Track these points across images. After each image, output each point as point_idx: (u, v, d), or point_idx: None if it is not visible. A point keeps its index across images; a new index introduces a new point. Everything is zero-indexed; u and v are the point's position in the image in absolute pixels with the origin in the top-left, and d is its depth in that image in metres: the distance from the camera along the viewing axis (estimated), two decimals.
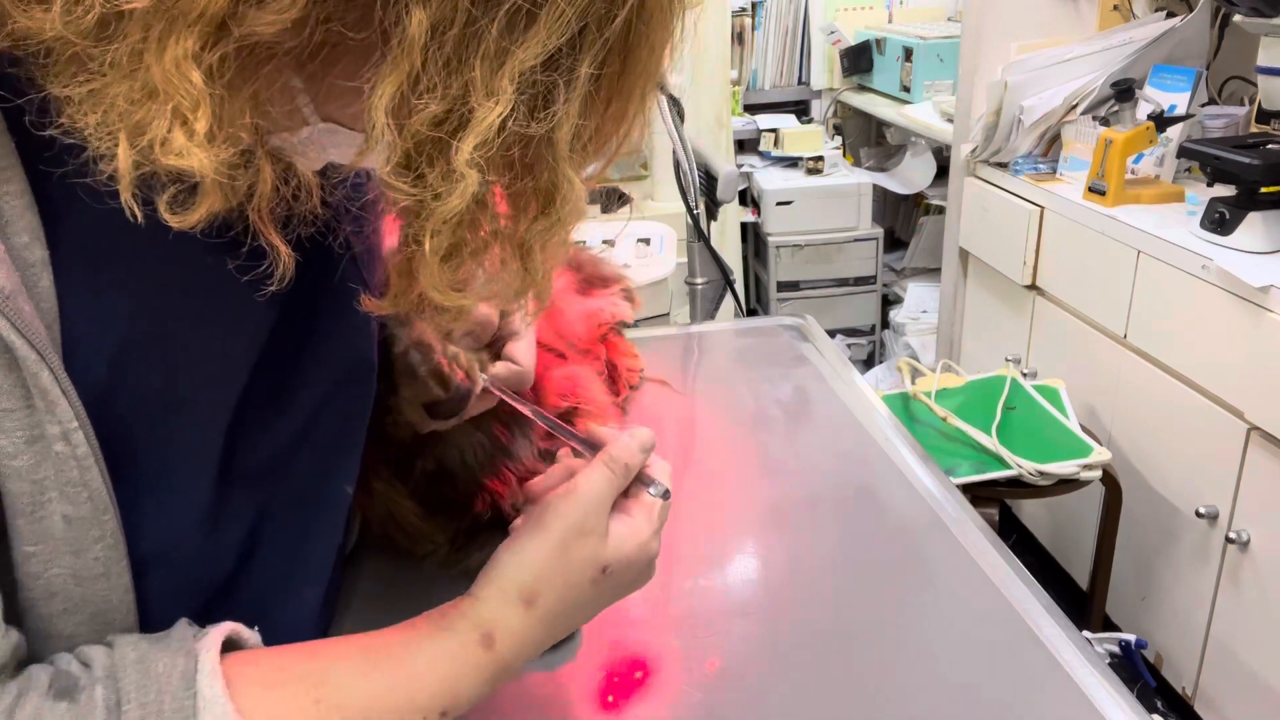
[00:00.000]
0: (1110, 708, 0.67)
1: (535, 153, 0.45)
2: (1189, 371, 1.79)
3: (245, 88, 0.42)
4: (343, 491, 0.68)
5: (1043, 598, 0.78)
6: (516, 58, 0.41)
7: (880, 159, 3.59)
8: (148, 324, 0.50)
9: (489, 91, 0.41)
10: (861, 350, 3.46)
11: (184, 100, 0.39)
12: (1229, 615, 1.77)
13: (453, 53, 0.41)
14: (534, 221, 0.48)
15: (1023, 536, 2.42)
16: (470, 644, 0.55)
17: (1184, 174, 2.11)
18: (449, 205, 0.43)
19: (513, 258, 0.49)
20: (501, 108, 0.41)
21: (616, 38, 0.43)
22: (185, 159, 0.40)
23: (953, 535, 0.86)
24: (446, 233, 0.45)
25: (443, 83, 0.41)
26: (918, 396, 1.93)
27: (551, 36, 0.41)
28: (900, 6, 3.58)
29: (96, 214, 0.44)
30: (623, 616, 0.78)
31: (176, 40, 0.39)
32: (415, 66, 0.40)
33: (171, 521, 0.54)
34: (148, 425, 0.51)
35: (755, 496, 0.96)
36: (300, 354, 0.61)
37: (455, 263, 0.47)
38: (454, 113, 0.42)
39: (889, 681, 0.71)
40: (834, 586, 0.82)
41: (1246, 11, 1.74)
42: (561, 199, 0.47)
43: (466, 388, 0.72)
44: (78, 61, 0.40)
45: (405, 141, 0.42)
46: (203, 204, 0.42)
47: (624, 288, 1.14)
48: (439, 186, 0.43)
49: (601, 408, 0.93)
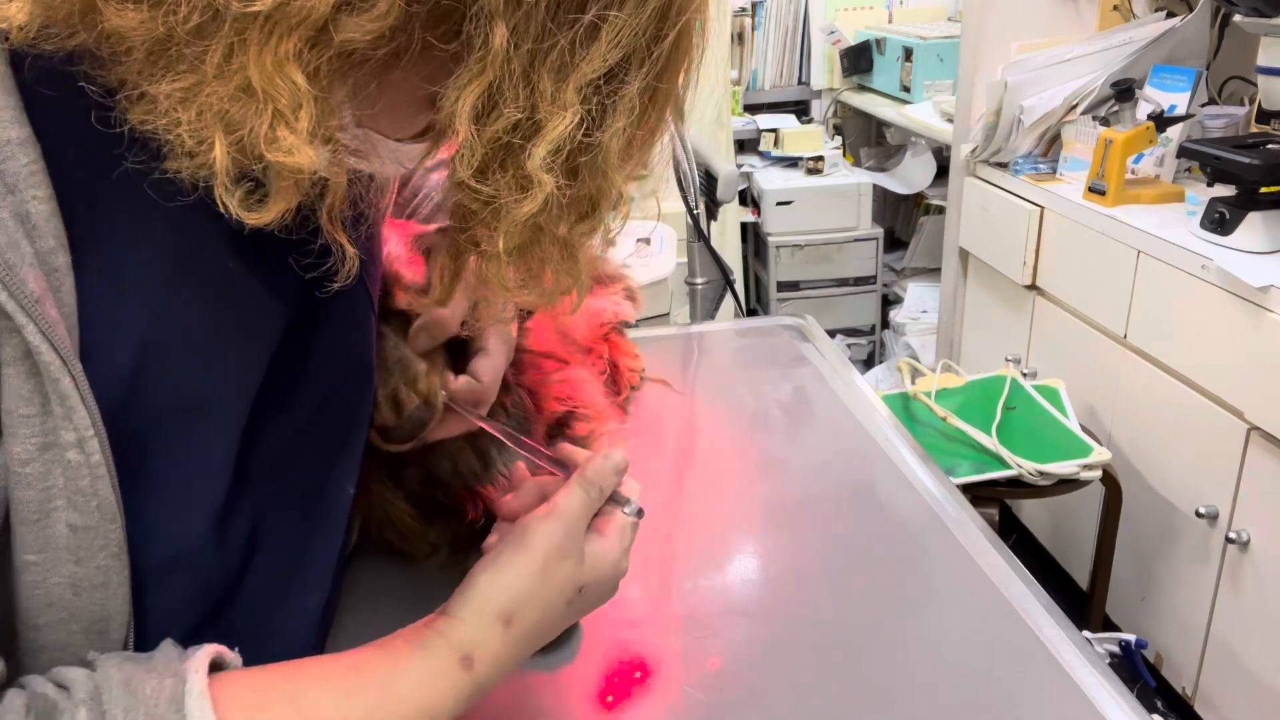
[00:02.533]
0: (1110, 708, 0.67)
1: (592, 160, 0.47)
2: (1189, 371, 1.79)
3: (338, 91, 0.44)
4: (344, 491, 0.68)
5: (1043, 598, 0.78)
6: (581, 70, 0.44)
7: (880, 159, 3.59)
8: (169, 330, 0.50)
9: (558, 101, 0.44)
10: (861, 350, 3.46)
11: (285, 100, 0.41)
12: (1229, 615, 1.77)
13: (527, 64, 0.43)
14: (577, 224, 0.51)
15: (1023, 536, 2.42)
16: (450, 666, 0.55)
17: (1184, 174, 2.11)
18: (524, 208, 0.46)
19: (560, 258, 0.51)
20: (571, 117, 0.44)
21: (666, 53, 0.46)
22: (293, 156, 0.42)
23: (953, 535, 0.86)
24: (517, 234, 0.47)
25: (518, 92, 0.44)
26: (918, 396, 1.93)
27: (612, 51, 0.44)
28: (900, 6, 3.58)
29: (118, 222, 0.45)
30: (623, 616, 0.78)
31: (279, 41, 0.40)
32: (497, 76, 0.43)
33: (186, 525, 0.54)
34: (167, 430, 0.51)
35: (755, 496, 0.96)
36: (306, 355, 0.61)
37: (522, 262, 0.50)
38: (526, 121, 0.44)
39: (889, 681, 0.71)
40: (834, 586, 0.82)
41: (1246, 11, 1.74)
42: (605, 203, 0.50)
43: (421, 414, 0.71)
44: (169, 60, 0.41)
45: (484, 146, 0.45)
46: (278, 202, 0.44)
47: (626, 287, 1.14)
48: (513, 190, 0.46)
49: (599, 411, 0.93)
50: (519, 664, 0.60)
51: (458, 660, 0.55)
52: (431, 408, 0.71)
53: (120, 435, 0.48)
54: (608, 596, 0.65)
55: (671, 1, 0.45)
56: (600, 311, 1.08)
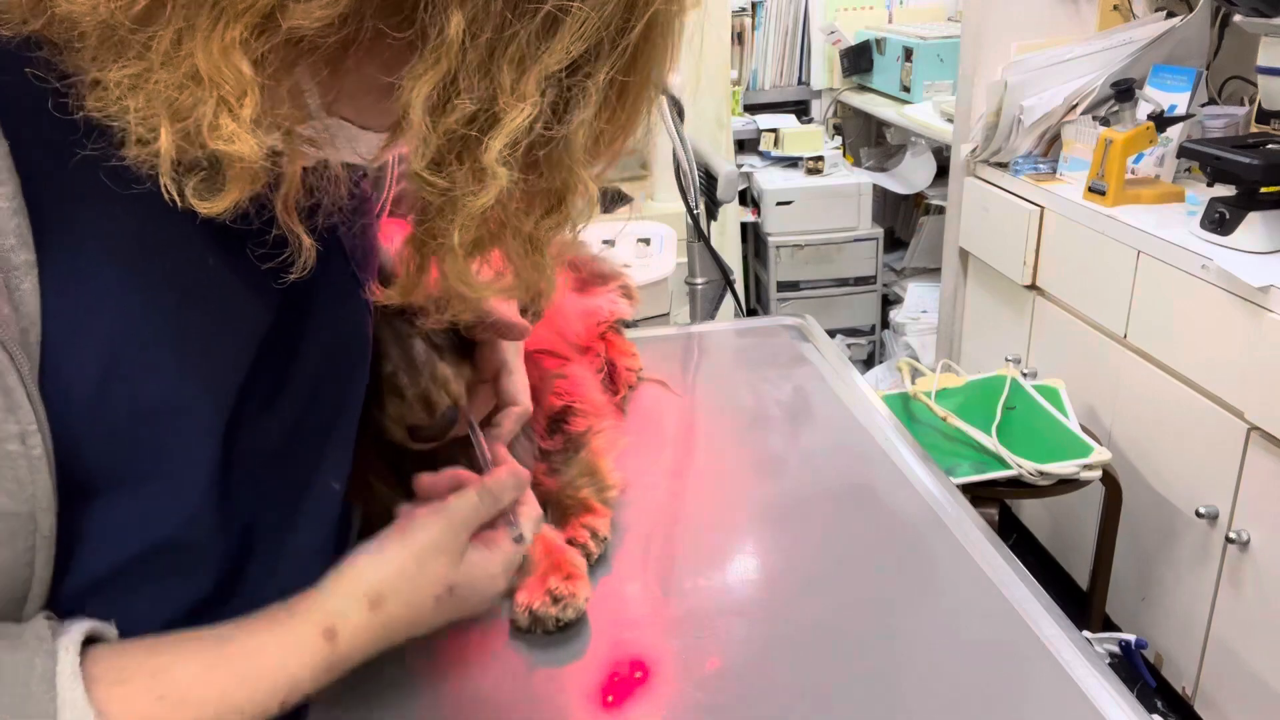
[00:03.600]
0: (1110, 708, 0.67)
1: (553, 154, 0.46)
2: (1189, 371, 1.79)
3: (286, 79, 0.43)
4: (331, 489, 0.68)
5: (1043, 598, 0.78)
6: (542, 62, 0.43)
7: (880, 159, 3.59)
8: (144, 326, 0.50)
9: (517, 93, 0.43)
10: (861, 350, 3.46)
11: (231, 88, 0.40)
12: (1229, 615, 1.77)
13: (485, 55, 0.42)
14: (544, 218, 0.50)
15: (1023, 536, 2.42)
16: (313, 636, 0.57)
17: (1184, 174, 2.11)
18: (479, 201, 0.45)
19: (525, 253, 0.50)
20: (530, 109, 0.43)
21: (633, 46, 0.45)
22: (234, 145, 0.41)
23: (953, 535, 0.86)
24: (473, 227, 0.46)
25: (476, 83, 0.43)
26: (918, 396, 1.93)
27: (575, 43, 0.43)
28: (900, 6, 3.58)
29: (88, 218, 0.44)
30: (623, 616, 0.78)
31: (225, 28, 0.40)
32: (453, 67, 0.42)
33: (169, 516, 0.54)
34: (147, 422, 0.51)
35: (755, 496, 0.96)
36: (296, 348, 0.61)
37: (479, 255, 0.49)
38: (484, 112, 0.43)
39: (889, 681, 0.71)
40: (834, 586, 0.82)
41: (1246, 11, 1.74)
42: (572, 198, 0.49)
43: (451, 414, 0.72)
44: (118, 46, 0.41)
45: (439, 138, 0.44)
46: (231, 191, 0.43)
47: (622, 285, 1.14)
48: (469, 183, 0.45)
49: (597, 408, 0.93)
50: (382, 649, 0.61)
51: (320, 632, 0.57)
52: (460, 409, 0.73)
53: (101, 424, 0.48)
54: (480, 606, 0.67)
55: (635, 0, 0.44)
56: (597, 310, 1.08)
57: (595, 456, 0.89)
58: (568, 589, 0.76)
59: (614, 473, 0.90)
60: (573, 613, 0.75)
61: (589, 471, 0.88)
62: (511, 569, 0.68)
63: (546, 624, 0.75)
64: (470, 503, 0.66)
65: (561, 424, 0.89)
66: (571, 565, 0.78)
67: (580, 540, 0.82)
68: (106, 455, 0.50)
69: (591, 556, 0.82)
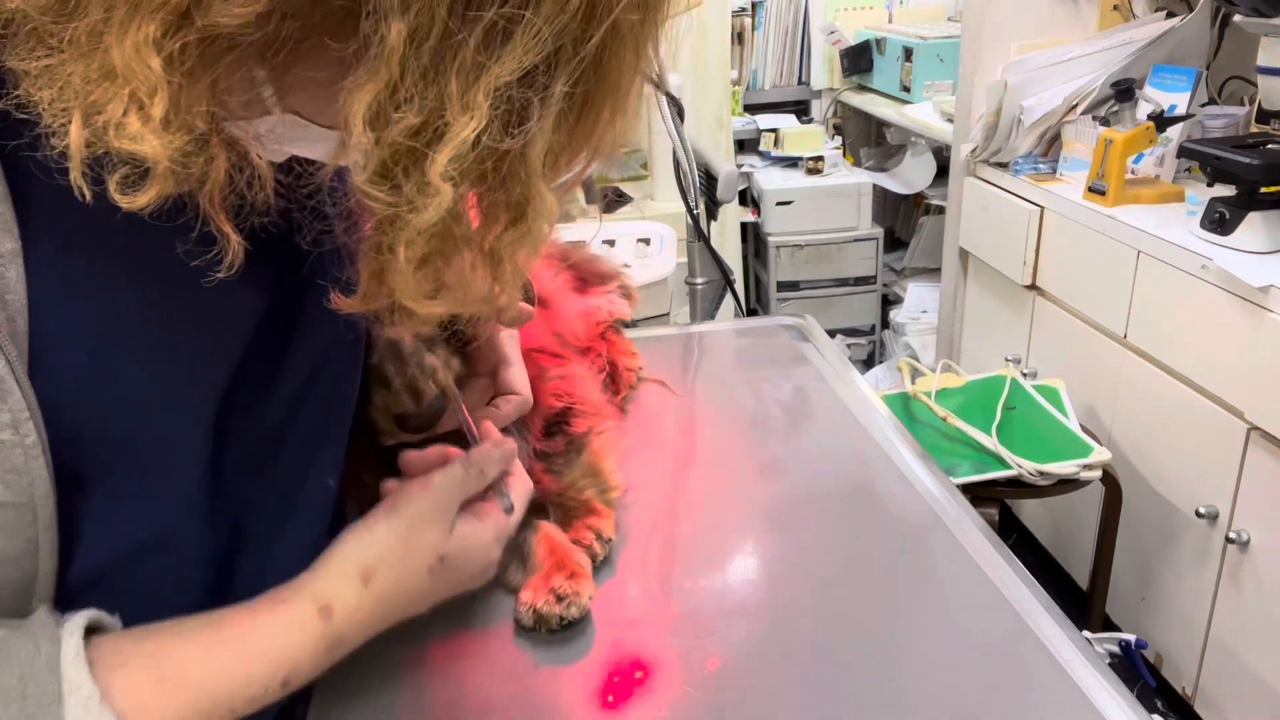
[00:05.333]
0: (1110, 708, 0.67)
1: (509, 167, 0.45)
2: (1189, 371, 1.79)
3: (205, 76, 0.42)
4: (325, 485, 0.68)
5: (1043, 598, 0.78)
6: (492, 73, 0.41)
7: (880, 159, 3.59)
8: (131, 316, 0.50)
9: (464, 105, 0.41)
10: (861, 350, 3.46)
11: (141, 85, 0.40)
12: (1229, 615, 1.77)
13: (430, 65, 0.41)
14: (505, 232, 0.48)
15: (1023, 536, 2.42)
16: (308, 615, 0.57)
17: (1184, 174, 2.11)
18: (424, 216, 0.43)
19: (483, 266, 0.49)
20: (476, 122, 0.41)
21: (590, 57, 0.43)
22: (138, 144, 0.41)
23: (953, 535, 0.86)
24: (421, 243, 0.45)
25: (419, 95, 0.41)
26: (918, 396, 1.93)
27: (528, 54, 0.41)
28: (900, 6, 3.58)
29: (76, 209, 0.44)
30: (623, 616, 0.78)
31: (139, 25, 0.39)
32: (393, 77, 0.40)
33: (162, 508, 0.54)
34: (133, 413, 0.52)
35: (755, 496, 0.96)
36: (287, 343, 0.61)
37: (428, 271, 0.47)
38: (430, 125, 0.42)
39: (889, 681, 0.71)
40: (834, 586, 0.82)
41: (1246, 11, 1.74)
42: (533, 212, 0.47)
43: (438, 403, 0.72)
44: (36, 36, 0.40)
45: (382, 151, 0.42)
46: (153, 187, 0.43)
47: (621, 284, 1.14)
48: (414, 197, 0.43)
49: (596, 408, 0.93)
50: (383, 625, 0.62)
51: (316, 610, 0.57)
52: (448, 398, 0.73)
53: (88, 415, 0.49)
54: (475, 578, 0.68)
55: (596, 2, 0.42)
56: (596, 310, 1.08)
57: (597, 457, 0.89)
58: (571, 588, 0.76)
59: (616, 473, 0.90)
60: (576, 611, 0.75)
61: (591, 473, 0.88)
62: (503, 538, 0.69)
63: (550, 623, 0.75)
64: (455, 474, 0.66)
65: (562, 425, 0.89)
66: (576, 564, 0.78)
67: (585, 542, 0.82)
68: (97, 447, 0.51)
69: (596, 558, 0.82)
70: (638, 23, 0.44)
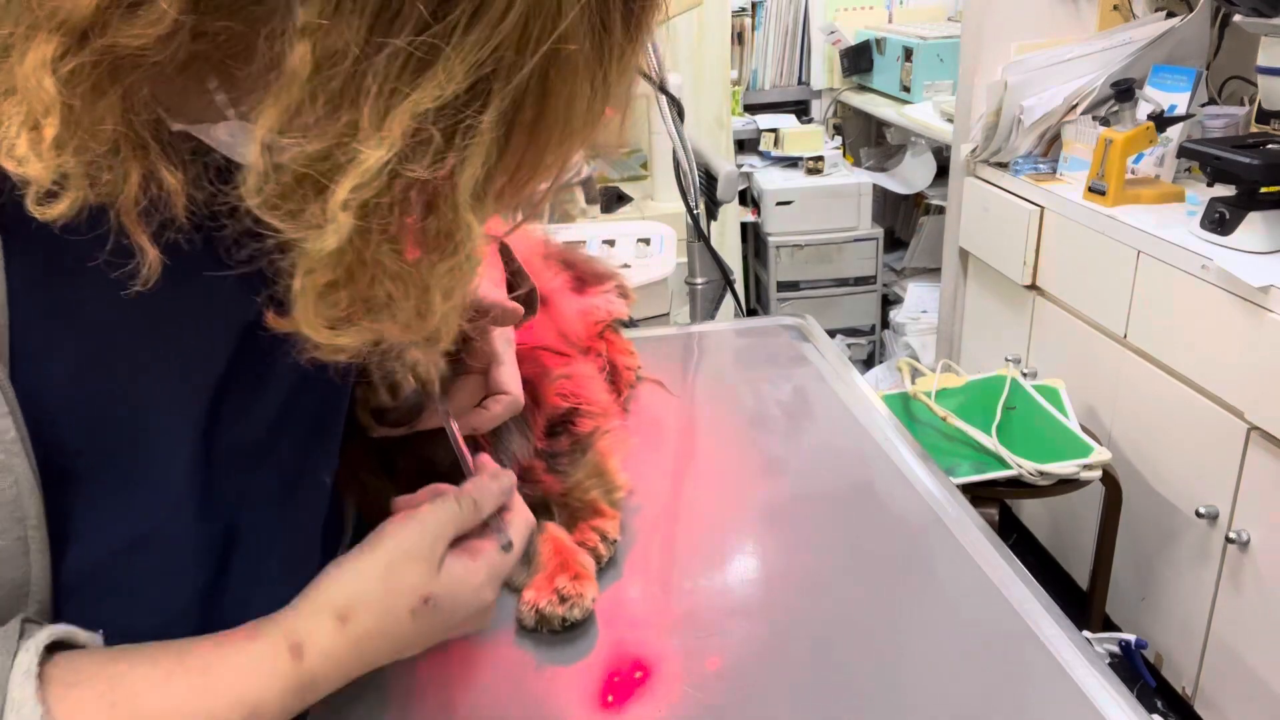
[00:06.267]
0: (1110, 708, 0.67)
1: (434, 197, 0.43)
2: (1189, 371, 1.79)
3: (108, 94, 0.40)
4: (321, 483, 0.68)
5: (1043, 598, 0.78)
6: (410, 100, 0.39)
7: (880, 159, 3.59)
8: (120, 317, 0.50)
9: (377, 133, 0.39)
10: (861, 350, 3.46)
11: (37, 105, 0.39)
12: (1229, 615, 1.77)
13: (340, 91, 0.39)
14: (435, 264, 0.45)
15: (1023, 536, 2.42)
16: (278, 653, 0.54)
17: (1184, 174, 2.11)
18: (320, 245, 0.41)
19: (408, 298, 0.46)
20: (383, 151, 0.40)
21: (528, 86, 0.41)
22: (24, 167, 0.40)
23: (953, 535, 0.86)
24: (322, 271, 0.43)
25: (326, 120, 0.40)
26: (918, 396, 1.93)
27: (450, 82, 0.39)
28: (900, 6, 3.58)
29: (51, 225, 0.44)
30: (623, 616, 0.78)
31: (38, 44, 0.38)
32: (295, 101, 0.39)
33: (155, 504, 0.54)
34: (120, 412, 0.52)
35: (755, 496, 0.96)
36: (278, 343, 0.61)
37: (332, 301, 0.44)
38: (337, 152, 0.40)
39: (889, 681, 0.71)
40: (834, 586, 0.82)
41: (1246, 11, 1.74)
42: (463, 243, 0.45)
43: (416, 399, 0.71)
44: None
45: (280, 176, 0.41)
46: (64, 200, 0.42)
47: (618, 284, 1.14)
48: (316, 224, 0.41)
49: (603, 408, 0.93)
50: (362, 669, 0.57)
51: (286, 648, 0.54)
52: (428, 394, 0.71)
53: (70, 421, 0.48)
54: (466, 622, 0.62)
55: (528, 27, 0.40)
56: (594, 310, 1.08)
57: (603, 457, 0.89)
58: (575, 589, 0.75)
59: (621, 473, 0.90)
60: (580, 613, 0.75)
61: (597, 473, 0.88)
62: (498, 581, 0.64)
63: (553, 623, 0.75)
64: (447, 508, 0.61)
65: (568, 425, 0.88)
66: (579, 565, 0.78)
67: (590, 544, 0.82)
68: (83, 446, 0.51)
69: (601, 560, 0.82)
70: (588, 52, 0.42)
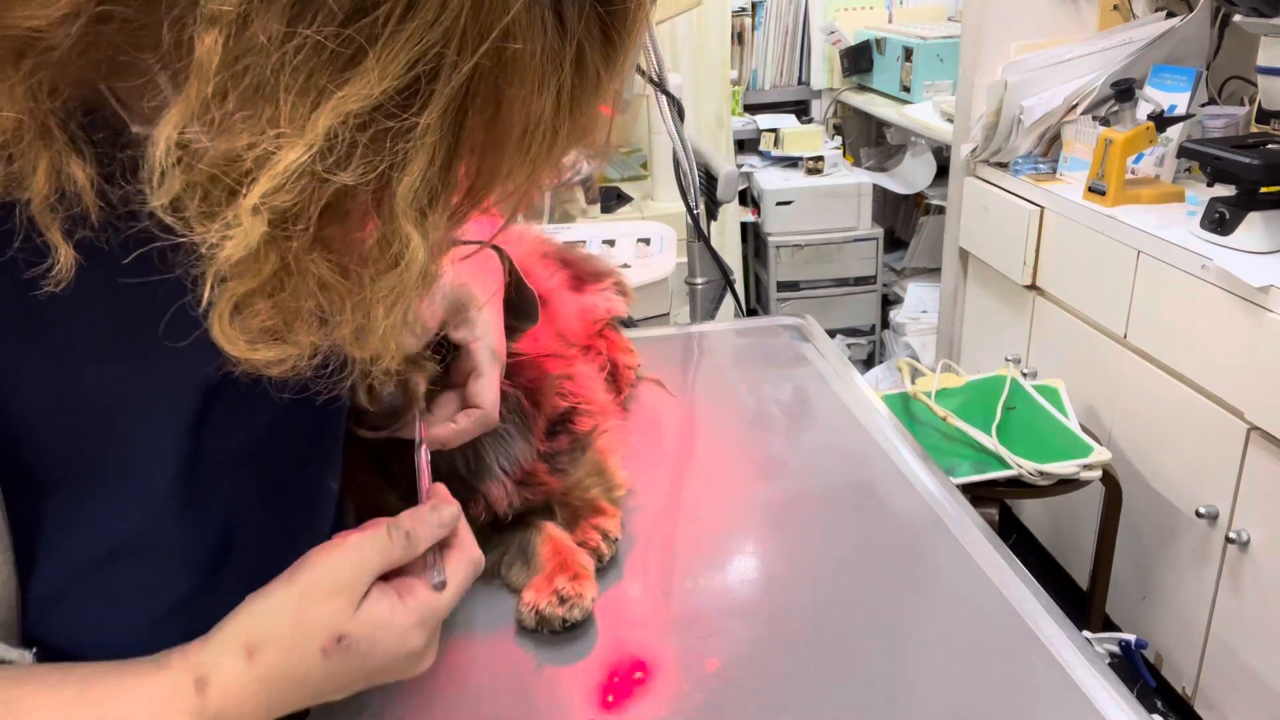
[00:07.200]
0: (1110, 708, 0.67)
1: (367, 205, 0.40)
2: (1189, 371, 1.79)
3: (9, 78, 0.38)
4: (326, 487, 0.68)
5: (1043, 598, 0.78)
6: (335, 98, 0.37)
7: (880, 159, 3.59)
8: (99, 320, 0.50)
9: (296, 134, 0.37)
10: (861, 350, 3.46)
11: None
12: (1229, 615, 1.77)
13: (255, 86, 0.36)
14: (376, 278, 0.42)
15: (1023, 536, 2.42)
16: (182, 686, 0.51)
17: (1184, 174, 2.11)
18: (226, 252, 0.38)
19: (345, 312, 0.43)
20: (301, 154, 0.37)
21: (477, 88, 0.39)
22: None
23: (953, 535, 0.86)
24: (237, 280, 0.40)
25: (240, 118, 0.37)
26: (918, 396, 1.93)
27: (382, 80, 0.36)
28: (900, 6, 3.58)
29: None
30: (623, 616, 0.78)
31: None
32: (205, 96, 0.36)
33: (136, 509, 0.54)
34: (95, 420, 0.51)
35: (755, 496, 0.96)
36: None
37: (251, 312, 0.41)
38: (249, 152, 0.37)
39: (889, 681, 0.71)
40: (834, 586, 0.82)
41: (1246, 11, 1.74)
42: (402, 255, 0.41)
43: (395, 400, 0.69)
44: None
45: (191, 175, 0.38)
46: None
47: (616, 281, 1.13)
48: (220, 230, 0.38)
49: (603, 408, 0.93)
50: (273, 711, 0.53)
51: (191, 681, 0.51)
52: (409, 395, 0.69)
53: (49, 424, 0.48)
54: (389, 668, 0.56)
55: (470, 24, 0.37)
56: (593, 308, 1.08)
57: (602, 456, 0.89)
58: (575, 589, 0.75)
59: (621, 472, 0.90)
60: (579, 613, 0.75)
61: (597, 471, 0.87)
62: (432, 624, 0.57)
63: (553, 624, 0.75)
64: (375, 541, 0.56)
65: (567, 424, 0.88)
66: (579, 566, 0.78)
67: (592, 543, 0.82)
68: (65, 451, 0.50)
69: (603, 559, 0.82)
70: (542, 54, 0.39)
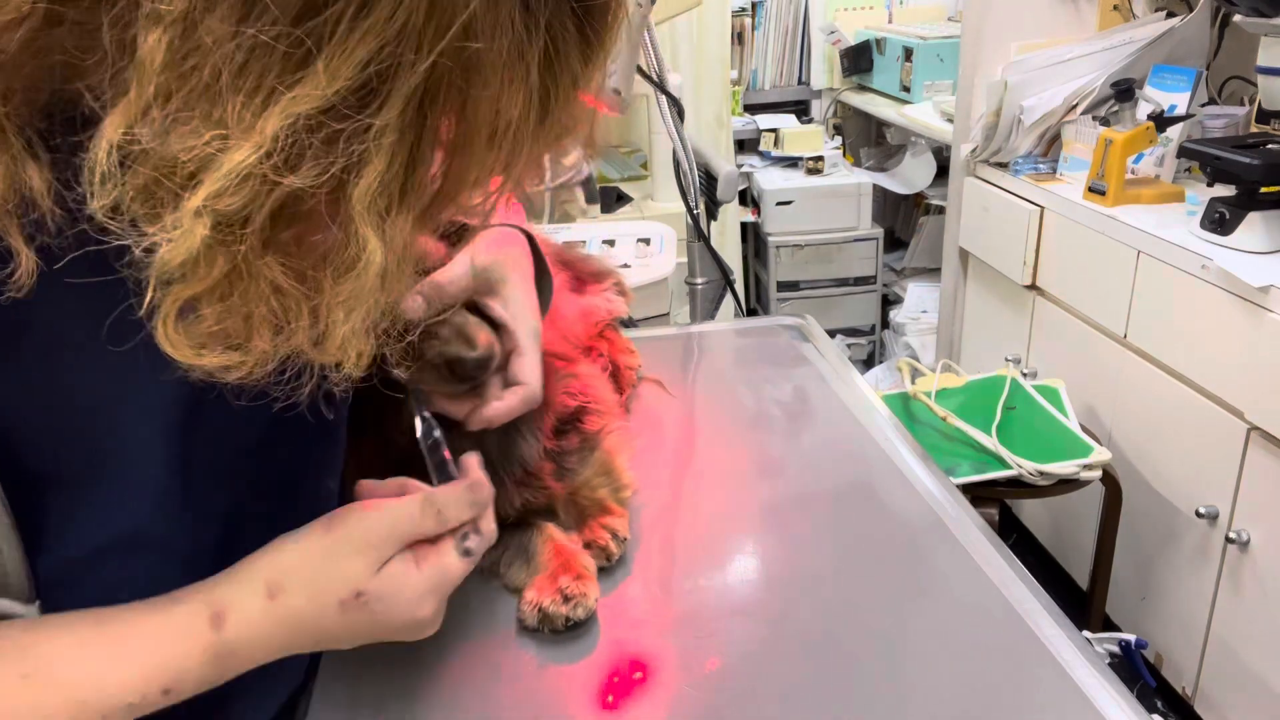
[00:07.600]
0: (1110, 708, 0.67)
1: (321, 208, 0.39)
2: (1189, 371, 1.79)
3: None
4: (325, 487, 0.67)
5: (1043, 598, 0.78)
6: (285, 100, 0.36)
7: (880, 159, 3.59)
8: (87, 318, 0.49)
9: (242, 136, 0.36)
10: (861, 350, 3.46)
11: None
12: (1229, 615, 1.77)
13: (202, 88, 0.36)
14: (334, 283, 0.42)
15: (1023, 536, 2.42)
16: (197, 619, 0.52)
17: (1184, 174, 2.11)
18: (165, 254, 0.38)
19: (302, 317, 0.42)
20: (247, 156, 0.36)
21: (438, 89, 0.38)
22: None
23: (953, 535, 0.86)
24: (181, 283, 0.39)
25: (184, 119, 0.36)
26: (918, 396, 1.93)
27: (334, 81, 0.36)
28: (900, 6, 3.58)
29: None
30: (623, 616, 0.78)
31: None
32: (148, 97, 0.36)
33: (130, 507, 0.54)
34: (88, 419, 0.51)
35: (755, 496, 0.96)
36: None
37: (195, 319, 0.41)
38: (195, 154, 0.37)
39: (889, 681, 0.71)
40: (834, 586, 0.82)
41: (1246, 11, 1.74)
42: (356, 260, 0.40)
43: (489, 351, 0.69)
44: None
45: (135, 178, 0.37)
46: None
47: (616, 282, 1.13)
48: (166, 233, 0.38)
49: (610, 407, 0.93)
50: (284, 651, 0.55)
51: (207, 616, 0.52)
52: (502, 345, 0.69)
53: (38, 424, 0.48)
54: (400, 630, 0.59)
55: (425, 23, 0.36)
56: (594, 309, 1.08)
57: (610, 456, 0.89)
58: (579, 589, 0.75)
59: (628, 471, 0.90)
60: (583, 612, 0.75)
61: (604, 471, 0.87)
62: (442, 595, 0.60)
63: (556, 623, 0.74)
64: (407, 509, 0.58)
65: (576, 423, 0.88)
66: (581, 566, 0.78)
67: (601, 542, 0.81)
68: (54, 449, 0.50)
69: (612, 558, 0.82)
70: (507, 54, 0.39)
